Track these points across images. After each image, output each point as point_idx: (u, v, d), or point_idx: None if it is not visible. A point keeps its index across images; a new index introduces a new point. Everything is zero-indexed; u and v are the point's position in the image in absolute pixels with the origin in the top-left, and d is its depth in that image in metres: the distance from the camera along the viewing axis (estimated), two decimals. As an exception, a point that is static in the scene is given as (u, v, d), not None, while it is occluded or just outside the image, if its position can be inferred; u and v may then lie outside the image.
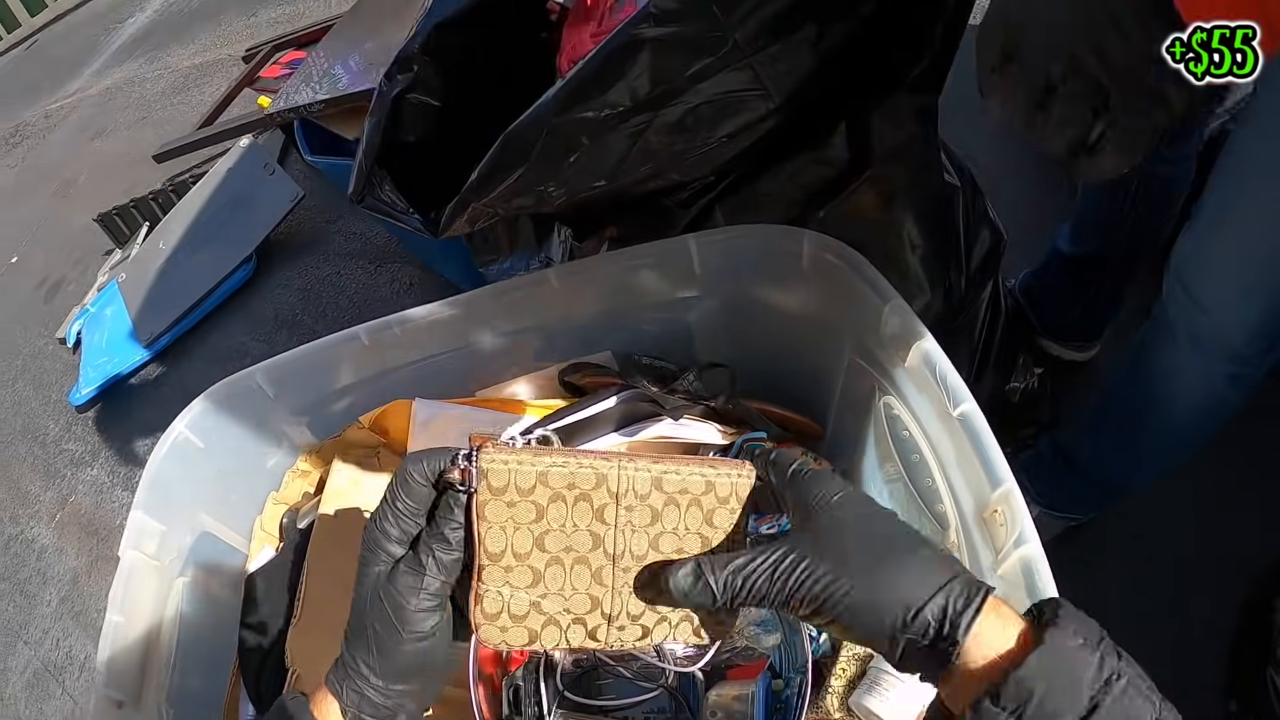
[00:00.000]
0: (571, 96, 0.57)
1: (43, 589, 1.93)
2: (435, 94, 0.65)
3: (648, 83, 0.57)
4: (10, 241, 3.33)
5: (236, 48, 3.56)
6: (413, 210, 0.67)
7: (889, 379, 0.70)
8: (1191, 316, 0.80)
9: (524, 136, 0.58)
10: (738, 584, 0.40)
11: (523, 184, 0.61)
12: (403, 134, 0.67)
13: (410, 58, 0.64)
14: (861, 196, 0.74)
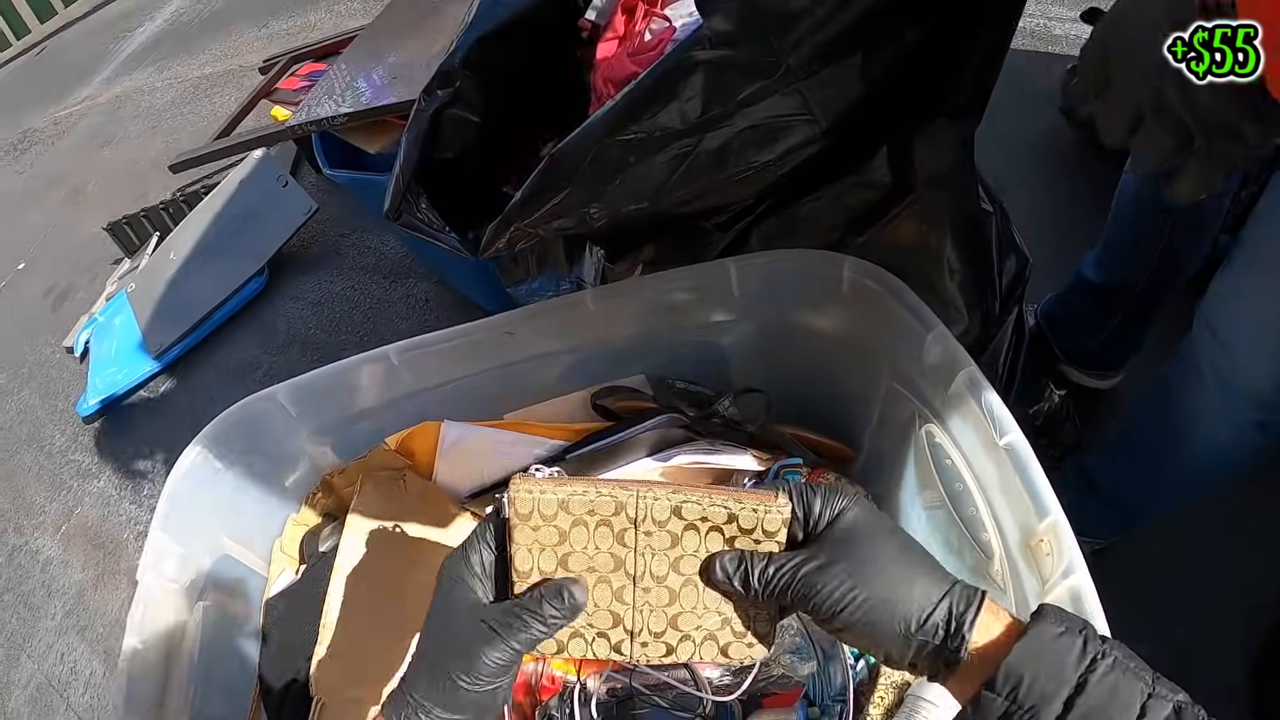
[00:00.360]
0: (621, 118, 0.57)
1: (47, 602, 1.91)
2: (475, 109, 0.65)
3: (699, 105, 0.57)
4: (17, 248, 3.32)
5: (247, 59, 3.57)
6: (450, 229, 0.66)
7: (930, 406, 0.69)
8: (1220, 361, 0.80)
9: (571, 157, 0.58)
10: (769, 575, 0.43)
11: (567, 205, 0.61)
12: (440, 150, 0.66)
13: (451, 72, 0.63)
14: (903, 222, 0.74)
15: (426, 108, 0.64)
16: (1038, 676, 0.37)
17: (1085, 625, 0.39)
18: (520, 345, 0.77)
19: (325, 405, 0.84)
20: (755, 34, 0.54)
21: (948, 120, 0.72)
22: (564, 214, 0.62)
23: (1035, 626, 0.39)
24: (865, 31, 0.58)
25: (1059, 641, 0.38)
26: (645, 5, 0.85)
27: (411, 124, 0.66)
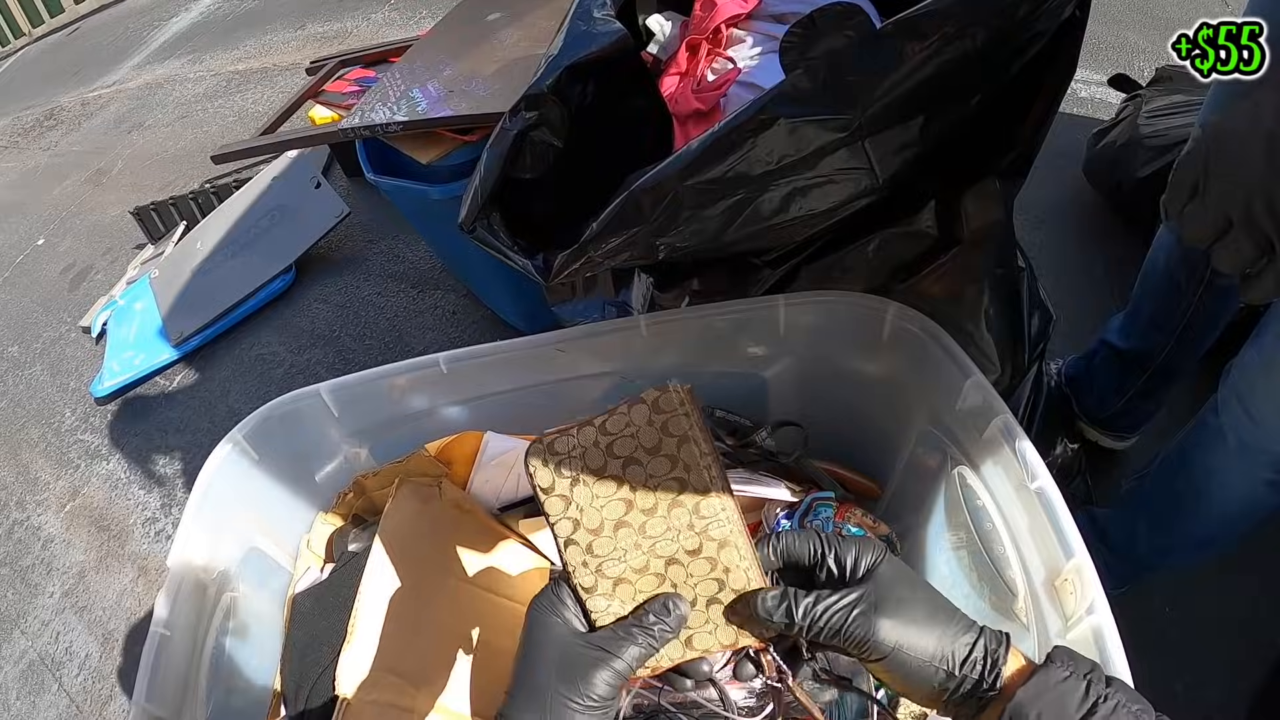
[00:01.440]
0: (698, 162, 0.60)
1: (46, 579, 1.90)
2: (558, 134, 0.68)
3: (773, 156, 0.60)
4: (39, 223, 3.34)
5: (282, 58, 3.63)
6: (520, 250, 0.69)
7: (963, 450, 0.71)
8: (1244, 426, 0.83)
9: (648, 196, 0.61)
10: (818, 613, 0.44)
11: (637, 240, 0.63)
12: (519, 170, 0.69)
13: (539, 96, 0.66)
14: (946, 272, 0.77)
15: (511, 128, 0.66)
16: (1041, 718, 0.39)
17: (1092, 669, 0.41)
18: (568, 364, 0.79)
19: (368, 407, 0.85)
20: (832, 93, 0.57)
21: (996, 179, 0.75)
22: (632, 248, 0.65)
23: (1043, 670, 0.41)
24: (933, 94, 0.62)
25: (1064, 685, 0.40)
26: (709, 45, 0.89)
27: (494, 141, 0.68)
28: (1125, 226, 1.64)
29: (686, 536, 0.46)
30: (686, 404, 0.45)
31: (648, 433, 0.45)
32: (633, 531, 0.46)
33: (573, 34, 0.71)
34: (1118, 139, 1.61)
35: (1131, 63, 2.02)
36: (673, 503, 0.45)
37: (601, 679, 0.43)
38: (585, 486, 0.46)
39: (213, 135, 3.28)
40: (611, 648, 0.44)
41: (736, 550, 0.46)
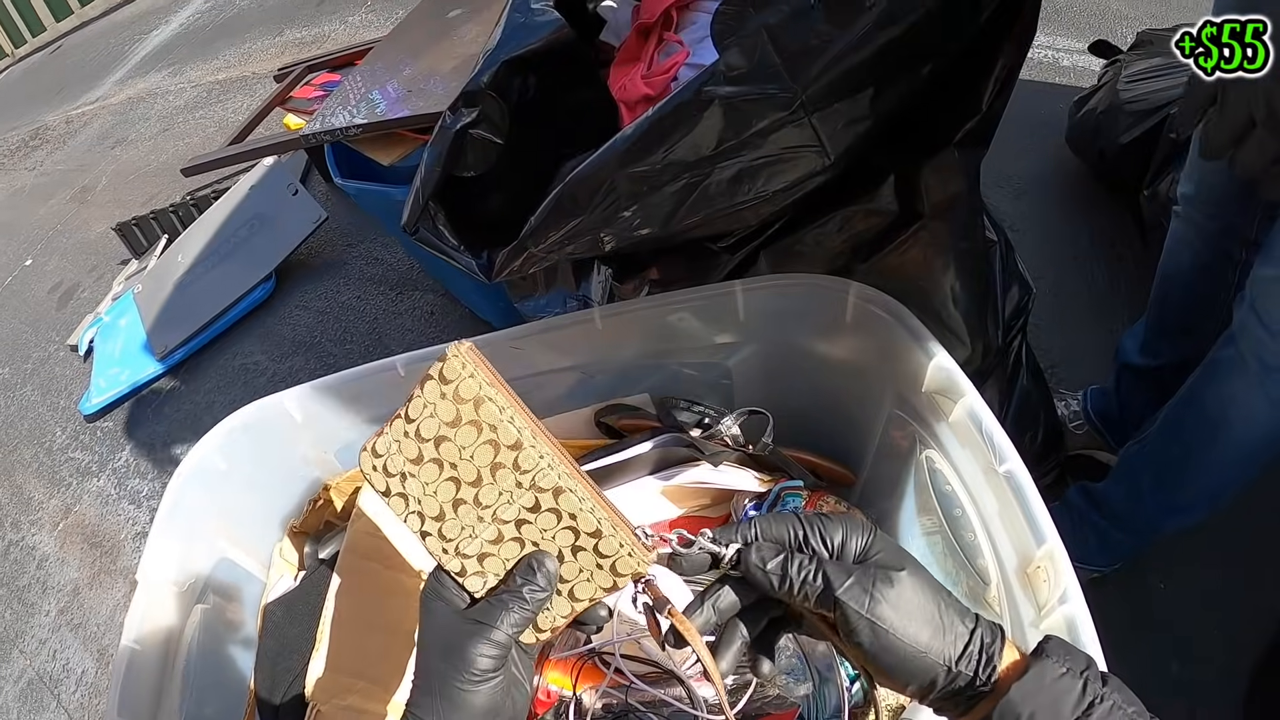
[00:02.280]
0: (633, 150, 0.58)
1: (42, 598, 1.91)
2: (498, 131, 0.66)
3: (712, 139, 0.58)
4: (26, 244, 3.34)
5: (260, 66, 3.61)
6: (465, 249, 0.67)
7: (931, 432, 0.70)
8: (1265, 346, 0.80)
9: (584, 188, 0.59)
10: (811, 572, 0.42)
11: (579, 233, 0.62)
12: (461, 168, 0.67)
13: (477, 92, 0.64)
14: (909, 249, 0.75)
15: (450, 126, 0.65)
16: (1034, 717, 0.37)
17: (1088, 665, 0.39)
18: (527, 361, 0.77)
19: (331, 413, 0.84)
20: (770, 69, 0.55)
21: (956, 149, 0.73)
22: (575, 240, 0.63)
23: (1037, 665, 0.39)
24: (879, 66, 0.60)
25: (1059, 683, 0.38)
26: (660, 29, 0.87)
27: (434, 141, 0.67)
28: (1109, 194, 1.61)
29: (521, 495, 0.44)
30: (470, 364, 0.43)
31: (444, 407, 0.44)
32: (471, 506, 0.45)
33: (510, 27, 0.69)
34: (1098, 106, 1.59)
35: (1114, 29, 1.99)
36: (493, 466, 0.44)
37: (480, 651, 0.42)
38: (413, 478, 0.45)
39: (194, 146, 3.27)
40: (486, 618, 0.43)
41: (573, 495, 0.44)
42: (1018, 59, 0.72)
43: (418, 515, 0.46)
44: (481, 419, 0.43)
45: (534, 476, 0.43)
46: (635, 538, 0.44)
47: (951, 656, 0.40)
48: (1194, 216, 1.04)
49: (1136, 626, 1.12)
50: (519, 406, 0.44)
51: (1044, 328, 1.45)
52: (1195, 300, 1.09)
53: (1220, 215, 1.01)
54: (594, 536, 0.44)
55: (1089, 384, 1.30)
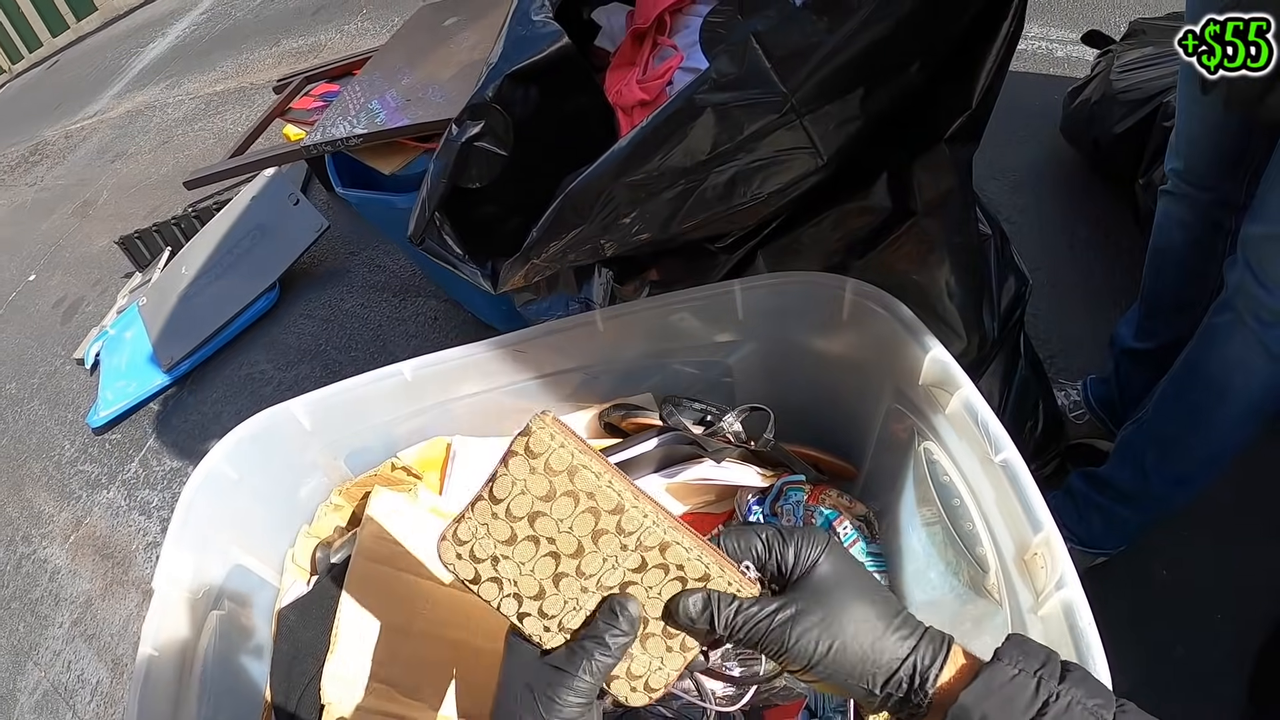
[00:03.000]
0: (630, 160, 0.59)
1: (55, 610, 1.93)
2: (503, 143, 0.67)
3: (705, 145, 0.59)
4: (29, 259, 3.36)
5: (258, 76, 3.63)
6: (470, 260, 0.68)
7: (929, 425, 0.71)
8: (1261, 303, 0.81)
9: (583, 199, 0.60)
10: (738, 623, 0.43)
11: (580, 241, 0.63)
12: (466, 180, 0.68)
13: (482, 106, 0.65)
14: (902, 245, 0.76)
15: (456, 138, 0.66)
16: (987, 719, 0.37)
17: (1044, 663, 0.39)
18: (531, 363, 0.79)
19: (339, 419, 0.86)
20: (760, 75, 0.56)
21: (946, 146, 0.74)
22: (577, 248, 0.64)
23: (988, 670, 0.39)
24: (869, 66, 0.61)
25: (1011, 684, 0.38)
26: (654, 33, 0.88)
27: (440, 153, 0.68)
28: (1105, 184, 1.62)
29: (627, 557, 0.44)
30: (558, 435, 0.43)
31: (536, 481, 0.43)
32: (573, 579, 0.45)
33: (512, 39, 0.70)
34: (1092, 96, 1.59)
35: (1106, 19, 1.99)
36: (595, 534, 0.44)
37: (563, 698, 0.42)
38: (507, 560, 0.44)
39: (194, 158, 3.29)
40: (567, 665, 0.43)
41: (680, 546, 0.44)
42: (1007, 54, 0.73)
43: (514, 598, 0.45)
44: (578, 488, 0.43)
45: (639, 536, 0.43)
46: (742, 574, 0.44)
47: (879, 681, 0.41)
48: (1184, 190, 1.06)
49: (1141, 612, 1.13)
50: (613, 469, 0.44)
51: (1042, 318, 1.46)
52: (1187, 276, 1.11)
53: (1210, 185, 1.02)
54: (702, 580, 0.44)
55: (1088, 372, 1.31)
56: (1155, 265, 1.15)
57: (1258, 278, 0.81)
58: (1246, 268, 0.82)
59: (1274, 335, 0.83)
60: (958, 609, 0.69)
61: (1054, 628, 0.53)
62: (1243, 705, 1.04)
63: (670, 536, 0.44)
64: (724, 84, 0.56)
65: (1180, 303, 1.12)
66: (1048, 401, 1.18)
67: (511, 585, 0.45)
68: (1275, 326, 0.82)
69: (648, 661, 0.46)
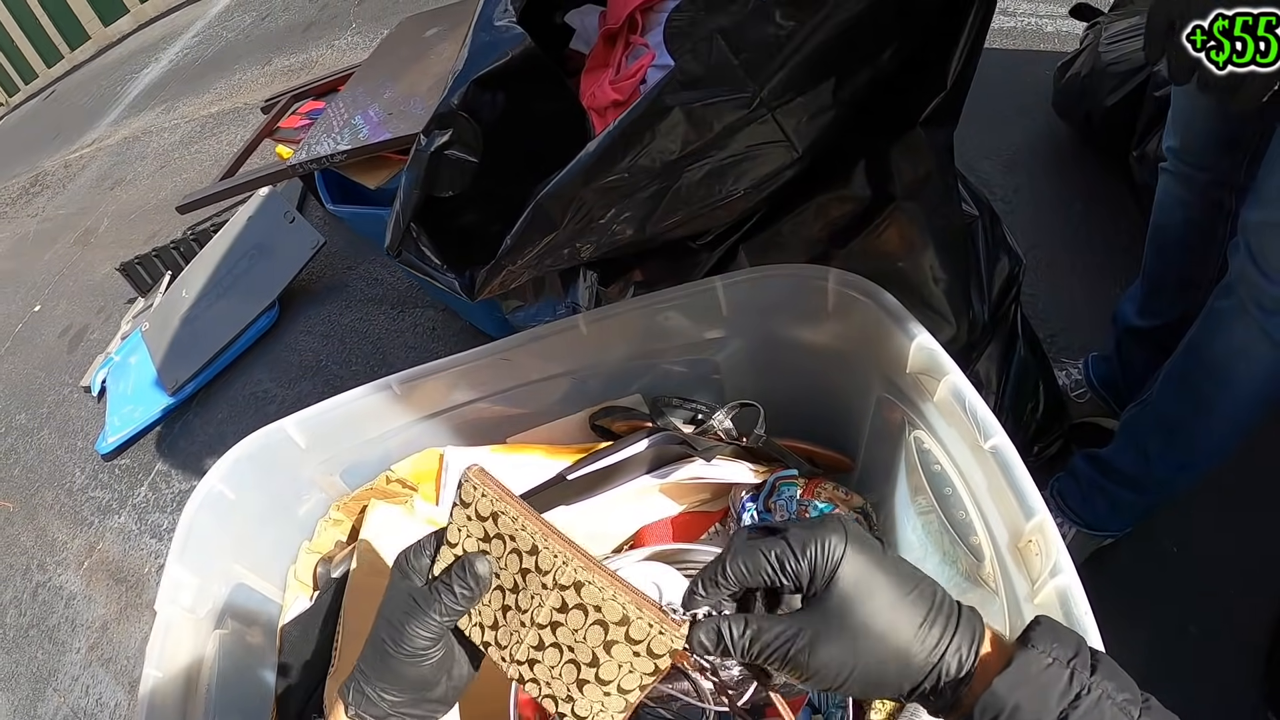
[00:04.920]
0: (598, 164, 0.59)
1: (72, 636, 1.94)
2: (472, 150, 0.67)
3: (675, 145, 0.58)
4: (33, 290, 3.39)
5: (252, 96, 3.64)
6: (448, 269, 0.68)
7: (918, 413, 0.70)
8: (1263, 291, 0.80)
9: (555, 204, 0.60)
10: (755, 652, 0.42)
11: (554, 246, 0.63)
12: (439, 189, 0.68)
13: (449, 114, 0.65)
14: (884, 232, 0.75)
15: (425, 149, 0.66)
16: (1019, 709, 0.36)
17: (1077, 652, 0.38)
18: (518, 370, 0.79)
19: (332, 435, 0.86)
20: (726, 72, 0.56)
21: (924, 129, 0.74)
22: (552, 254, 0.64)
23: (1022, 655, 0.38)
24: (838, 54, 0.60)
25: (1046, 674, 0.37)
26: (625, 33, 0.88)
27: (411, 164, 0.68)
28: (1098, 158, 1.61)
29: (549, 595, 0.46)
30: (479, 484, 0.47)
31: (474, 526, 0.48)
32: (515, 613, 0.48)
33: (476, 45, 0.70)
34: (1082, 69, 1.58)
35: (1094, -10, 1.97)
36: (522, 572, 0.47)
37: (415, 630, 0.46)
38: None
39: (191, 181, 3.30)
40: (424, 603, 0.47)
41: (593, 585, 0.44)
42: (980, 32, 0.72)
43: (479, 627, 0.49)
44: (501, 530, 0.47)
45: (554, 575, 0.46)
46: (662, 614, 0.44)
47: (905, 689, 0.39)
48: (1181, 169, 1.04)
49: (1151, 591, 1.12)
50: (529, 513, 0.47)
51: (1041, 297, 1.44)
52: (1189, 255, 1.09)
53: (1208, 165, 1.01)
54: (622, 624, 0.44)
55: (1089, 350, 1.30)
56: (1156, 243, 1.14)
57: (1259, 265, 0.79)
58: (1247, 254, 0.81)
59: (1276, 323, 0.81)
60: (955, 598, 0.69)
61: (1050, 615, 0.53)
62: (1260, 683, 1.02)
63: (581, 576, 0.45)
64: (690, 82, 0.56)
65: (1183, 281, 1.11)
66: (1048, 382, 1.17)
67: (477, 615, 0.49)
68: (1277, 314, 0.80)
69: (588, 705, 0.47)
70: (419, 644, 0.47)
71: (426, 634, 0.47)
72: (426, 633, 0.47)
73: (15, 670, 1.96)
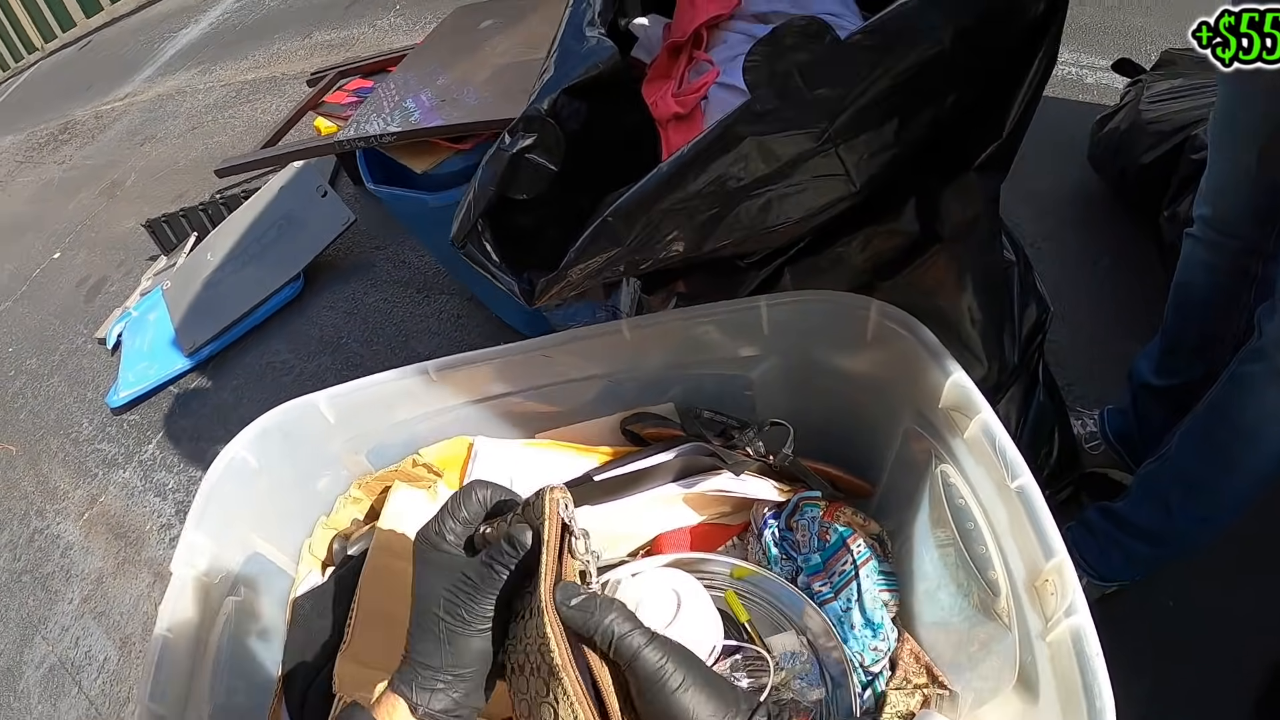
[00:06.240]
0: (669, 186, 0.60)
1: (66, 586, 1.95)
2: (553, 157, 0.68)
3: (744, 173, 0.60)
4: (54, 237, 3.41)
5: (290, 67, 3.66)
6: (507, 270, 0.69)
7: (946, 448, 0.71)
8: None
9: (622, 221, 0.61)
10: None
11: (614, 261, 0.64)
12: (514, 191, 0.69)
13: (537, 119, 0.66)
14: (928, 270, 0.77)
15: (508, 149, 0.67)
16: None
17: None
18: (556, 368, 0.80)
19: (362, 414, 0.87)
20: (801, 106, 0.57)
21: (976, 174, 0.75)
22: (614, 267, 0.66)
23: None
24: (905, 97, 0.62)
25: None
26: (690, 47, 0.89)
27: (489, 161, 0.69)
28: (1129, 214, 1.62)
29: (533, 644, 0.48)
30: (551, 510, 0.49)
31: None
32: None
33: (567, 53, 0.71)
34: (1121, 125, 1.60)
35: (1136, 46, 1.99)
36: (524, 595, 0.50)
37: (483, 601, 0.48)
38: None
39: (223, 145, 3.32)
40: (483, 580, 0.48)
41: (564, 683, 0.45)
42: (1040, 85, 0.74)
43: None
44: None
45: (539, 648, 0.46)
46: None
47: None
48: (1211, 236, 1.06)
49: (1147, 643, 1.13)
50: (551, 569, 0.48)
51: (1061, 346, 1.46)
52: (1210, 317, 1.10)
53: (1240, 234, 1.02)
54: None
55: (1105, 402, 1.31)
56: (1178, 305, 1.15)
57: None
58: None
59: None
60: (966, 631, 0.70)
61: (1061, 653, 0.54)
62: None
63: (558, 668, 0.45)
64: (764, 114, 0.57)
65: (1202, 342, 1.12)
66: (1064, 429, 1.18)
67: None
68: None
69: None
70: (487, 609, 0.48)
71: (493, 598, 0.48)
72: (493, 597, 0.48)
73: (4, 614, 1.97)
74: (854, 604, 0.72)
